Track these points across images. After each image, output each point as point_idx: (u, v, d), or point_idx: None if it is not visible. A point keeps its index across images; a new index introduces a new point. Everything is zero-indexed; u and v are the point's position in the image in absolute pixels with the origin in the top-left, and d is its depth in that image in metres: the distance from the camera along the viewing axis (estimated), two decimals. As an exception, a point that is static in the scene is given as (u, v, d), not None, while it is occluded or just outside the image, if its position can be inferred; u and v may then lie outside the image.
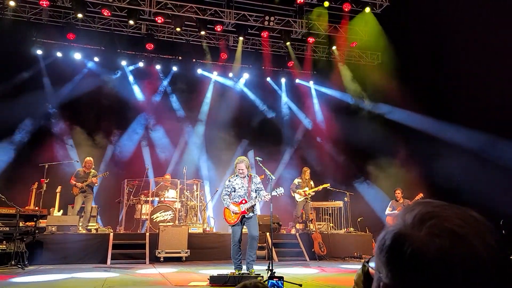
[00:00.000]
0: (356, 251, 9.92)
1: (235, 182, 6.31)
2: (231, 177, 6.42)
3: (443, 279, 0.56)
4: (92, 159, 10.16)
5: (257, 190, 6.31)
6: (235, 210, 6.14)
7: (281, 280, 3.99)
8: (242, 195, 6.22)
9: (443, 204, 0.65)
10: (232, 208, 6.15)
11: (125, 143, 12.61)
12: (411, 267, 0.58)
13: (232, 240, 6.20)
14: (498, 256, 0.58)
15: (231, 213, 6.19)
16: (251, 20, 12.41)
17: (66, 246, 8.33)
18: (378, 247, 0.64)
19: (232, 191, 6.31)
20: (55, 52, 12.23)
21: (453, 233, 0.58)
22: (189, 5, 11.80)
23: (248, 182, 6.31)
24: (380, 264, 0.64)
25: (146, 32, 12.81)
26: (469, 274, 0.56)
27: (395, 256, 0.61)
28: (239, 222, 6.14)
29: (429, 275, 0.57)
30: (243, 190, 6.24)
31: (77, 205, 9.68)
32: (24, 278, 6.01)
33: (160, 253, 8.51)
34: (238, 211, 6.13)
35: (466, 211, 0.63)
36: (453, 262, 0.56)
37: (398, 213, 0.68)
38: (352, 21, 12.84)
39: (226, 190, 6.35)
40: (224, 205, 6.28)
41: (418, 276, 0.58)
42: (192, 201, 10.92)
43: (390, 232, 0.64)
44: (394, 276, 0.61)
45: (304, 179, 10.90)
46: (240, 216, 6.11)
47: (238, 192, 6.25)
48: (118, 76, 13.07)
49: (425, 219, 0.61)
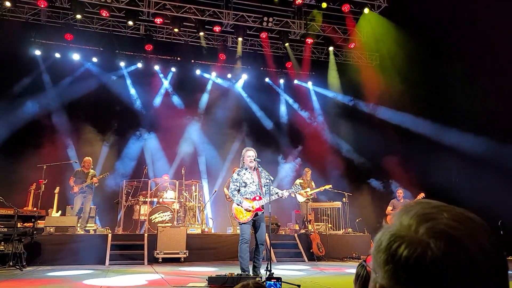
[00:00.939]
0: (354, 251, 9.93)
1: (245, 176, 5.86)
2: (238, 170, 5.99)
3: (438, 282, 0.56)
4: (91, 159, 10.15)
5: (267, 185, 5.90)
6: (249, 208, 5.75)
7: (280, 281, 3.99)
8: (254, 191, 5.80)
9: (440, 205, 0.65)
10: (246, 205, 5.73)
11: (123, 144, 12.58)
12: (407, 269, 0.59)
13: (241, 237, 5.79)
14: (494, 258, 0.59)
15: (242, 211, 5.79)
16: (250, 21, 12.42)
17: (64, 247, 8.31)
18: (375, 248, 0.65)
19: (242, 186, 5.85)
20: (53, 53, 12.22)
21: (448, 236, 0.58)
22: (188, 6, 11.80)
23: (258, 176, 5.91)
24: (376, 265, 0.64)
25: (145, 33, 12.81)
26: (464, 277, 0.56)
27: (391, 258, 0.61)
28: (251, 220, 5.79)
29: (424, 277, 0.57)
30: (255, 185, 5.81)
31: (76, 206, 9.66)
32: (22, 279, 6.00)
33: (159, 254, 8.50)
34: (252, 208, 5.76)
35: (464, 212, 0.63)
36: (448, 265, 0.56)
37: (395, 214, 0.68)
38: (351, 22, 12.84)
39: (234, 184, 5.88)
40: (235, 201, 5.83)
41: (413, 278, 0.58)
42: (190, 202, 10.92)
43: (387, 233, 0.64)
44: (390, 277, 0.61)
45: (306, 180, 10.96)
46: (253, 214, 5.77)
47: (250, 187, 5.82)
48: (117, 76, 13.06)
49: (421, 221, 0.61)
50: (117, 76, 13.07)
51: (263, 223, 5.87)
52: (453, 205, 0.65)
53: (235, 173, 6.02)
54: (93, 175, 9.88)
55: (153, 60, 13.16)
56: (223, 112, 13.68)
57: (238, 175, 5.93)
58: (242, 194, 5.86)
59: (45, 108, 12.07)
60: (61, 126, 12.15)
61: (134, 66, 13.20)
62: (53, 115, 12.20)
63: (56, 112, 12.23)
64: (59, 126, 12.14)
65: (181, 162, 12.69)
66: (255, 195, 5.81)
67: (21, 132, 11.30)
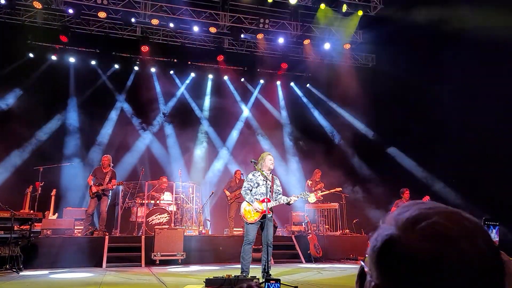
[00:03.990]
0: (351, 252, 9.94)
1: (259, 178, 6.00)
2: (255, 172, 6.11)
3: (432, 283, 0.57)
4: (110, 157, 9.77)
5: (277, 193, 6.09)
6: (259, 209, 5.86)
7: (277, 282, 3.99)
8: (264, 193, 5.89)
9: (436, 205, 0.65)
10: (256, 206, 5.86)
11: (119, 146, 12.56)
12: (401, 270, 0.59)
13: (246, 238, 5.87)
14: (489, 259, 0.59)
15: (251, 211, 5.89)
16: (246, 22, 12.43)
17: (61, 249, 8.27)
18: (371, 248, 0.65)
19: (255, 186, 6.00)
20: (49, 55, 12.20)
21: (443, 236, 0.59)
22: (184, 7, 11.81)
23: (272, 181, 6.05)
24: (371, 265, 0.65)
25: (141, 34, 12.79)
26: (458, 278, 0.56)
27: (385, 258, 0.62)
28: (258, 221, 5.89)
29: (418, 278, 0.57)
30: (265, 188, 5.90)
31: (90, 208, 9.39)
32: (19, 282, 5.98)
33: (156, 256, 8.48)
34: (261, 209, 5.86)
35: (460, 213, 0.63)
36: (442, 265, 0.57)
37: (392, 214, 0.68)
38: (347, 23, 12.87)
39: (249, 183, 6.02)
40: (246, 199, 5.97)
41: (408, 278, 0.58)
42: (188, 204, 10.91)
43: (382, 233, 0.65)
44: (384, 277, 0.62)
45: (315, 181, 11.05)
46: (261, 215, 5.87)
47: (261, 189, 5.95)
48: (113, 79, 13.06)
49: (416, 221, 0.62)
50: (114, 78, 13.08)
51: (270, 224, 5.92)
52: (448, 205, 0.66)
53: (251, 174, 6.15)
54: (113, 176, 9.54)
55: (149, 62, 13.15)
56: (222, 113, 13.75)
57: (253, 175, 6.08)
58: (252, 194, 5.98)
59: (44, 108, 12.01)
60: (59, 127, 12.20)
61: (130, 67, 13.22)
62: (52, 115, 12.23)
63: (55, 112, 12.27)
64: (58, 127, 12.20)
65: (178, 164, 12.69)
66: (264, 197, 5.89)
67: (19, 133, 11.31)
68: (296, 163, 13.92)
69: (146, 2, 11.58)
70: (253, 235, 5.87)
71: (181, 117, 13.53)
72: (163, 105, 13.63)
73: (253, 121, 14.46)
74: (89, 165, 11.60)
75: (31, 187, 9.57)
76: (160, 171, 12.21)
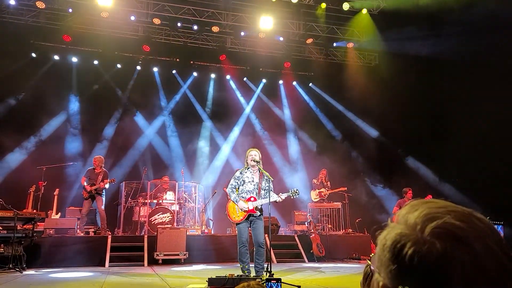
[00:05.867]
0: (354, 252, 9.92)
1: (246, 175, 5.81)
2: (242, 170, 5.92)
3: (442, 283, 0.55)
4: (101, 157, 9.78)
5: (266, 189, 5.75)
6: (244, 207, 5.65)
7: (280, 282, 3.98)
8: (251, 191, 5.71)
9: (447, 205, 0.64)
10: (241, 205, 5.65)
11: (121, 145, 12.58)
12: (411, 269, 0.58)
13: (239, 240, 5.71)
14: (500, 261, 0.57)
15: (236, 210, 5.72)
16: (248, 21, 12.41)
17: (64, 249, 8.29)
18: (379, 247, 0.64)
19: (241, 184, 5.80)
20: (52, 55, 12.22)
21: (454, 236, 0.57)
22: (187, 7, 11.80)
23: (260, 178, 5.83)
24: (380, 264, 0.63)
25: (144, 34, 12.78)
26: (469, 279, 0.55)
27: (395, 257, 0.60)
28: (245, 220, 5.67)
29: (428, 278, 0.56)
30: (253, 185, 5.72)
31: (85, 208, 9.39)
32: (22, 282, 5.99)
33: (159, 255, 8.49)
34: (247, 208, 5.66)
35: (471, 213, 0.62)
36: (453, 266, 0.55)
37: (401, 212, 0.66)
38: (350, 22, 12.85)
39: (235, 181, 5.83)
40: (231, 198, 5.78)
41: (417, 278, 0.57)
42: (190, 203, 10.92)
43: (392, 232, 0.63)
44: (393, 277, 0.60)
45: (321, 180, 11.09)
46: (246, 215, 5.67)
47: (247, 186, 5.73)
48: (116, 78, 13.07)
49: (427, 220, 0.60)
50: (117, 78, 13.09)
51: (260, 224, 5.74)
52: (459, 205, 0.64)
53: (238, 172, 6.01)
54: (105, 176, 9.53)
55: (151, 62, 13.15)
56: (224, 113, 13.76)
57: (240, 173, 5.92)
58: (239, 192, 5.81)
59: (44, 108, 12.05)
60: (60, 127, 12.19)
61: (133, 67, 13.22)
62: (52, 115, 12.22)
63: (55, 112, 12.26)
64: (58, 127, 12.19)
65: (181, 163, 12.70)
66: (250, 195, 5.73)
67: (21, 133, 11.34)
68: (299, 162, 13.89)
69: (148, 2, 11.57)
70: (246, 235, 5.71)
71: (183, 117, 13.52)
72: (165, 104, 13.64)
73: (256, 121, 14.45)
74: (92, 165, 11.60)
75: (34, 186, 9.59)
76: (163, 171, 12.23)
